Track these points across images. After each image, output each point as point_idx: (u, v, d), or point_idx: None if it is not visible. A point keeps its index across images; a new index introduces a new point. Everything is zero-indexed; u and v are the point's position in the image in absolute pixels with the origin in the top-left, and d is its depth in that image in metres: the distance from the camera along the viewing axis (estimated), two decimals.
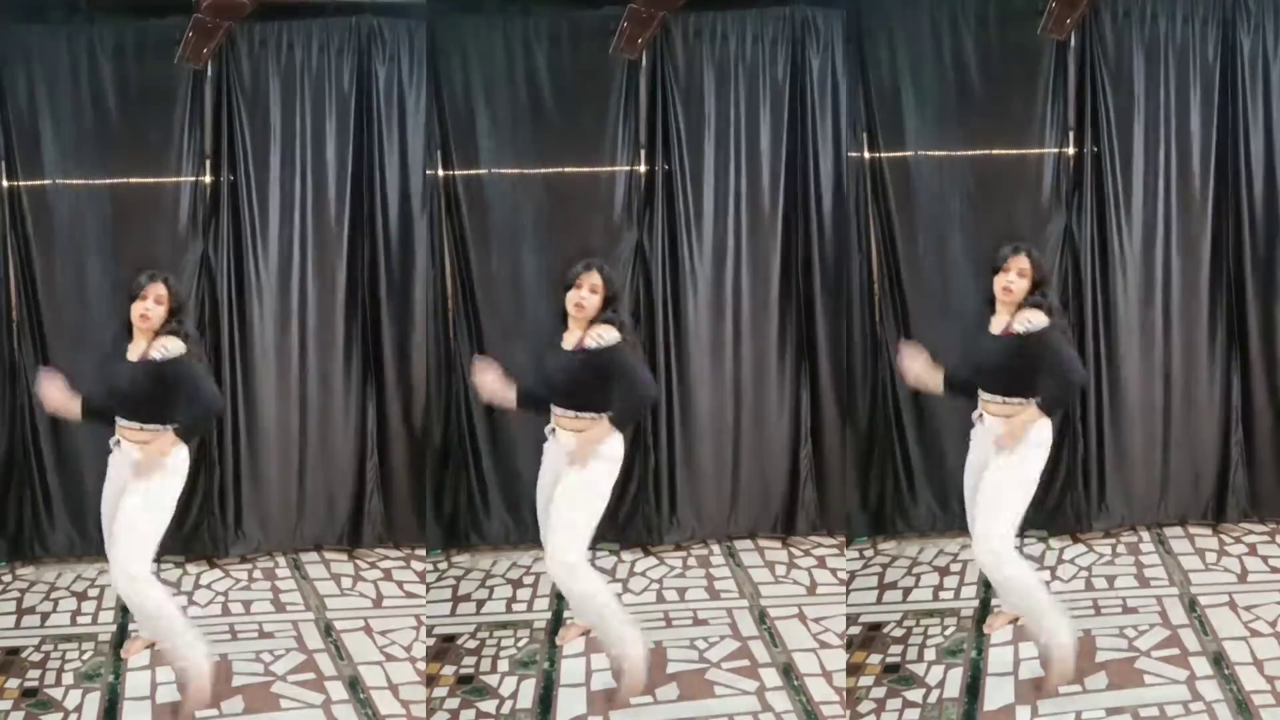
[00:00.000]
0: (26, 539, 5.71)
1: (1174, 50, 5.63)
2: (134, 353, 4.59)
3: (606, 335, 4.60)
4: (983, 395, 4.67)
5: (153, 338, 4.56)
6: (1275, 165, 5.67)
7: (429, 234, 5.66)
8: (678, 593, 5.42)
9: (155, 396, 4.56)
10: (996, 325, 4.63)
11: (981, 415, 4.68)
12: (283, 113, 5.65)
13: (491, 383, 4.75)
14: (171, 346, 4.55)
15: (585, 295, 4.61)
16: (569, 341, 4.65)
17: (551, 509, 4.67)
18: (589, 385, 4.62)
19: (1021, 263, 4.58)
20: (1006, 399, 4.60)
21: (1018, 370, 4.58)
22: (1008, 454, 4.57)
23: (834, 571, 5.59)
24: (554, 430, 4.71)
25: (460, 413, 5.77)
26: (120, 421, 4.62)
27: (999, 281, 4.60)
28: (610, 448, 4.66)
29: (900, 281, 5.73)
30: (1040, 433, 4.60)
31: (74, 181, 5.56)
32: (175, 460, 4.60)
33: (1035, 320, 4.54)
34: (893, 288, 5.74)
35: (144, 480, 4.56)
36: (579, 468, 4.61)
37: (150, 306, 4.56)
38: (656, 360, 5.75)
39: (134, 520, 4.57)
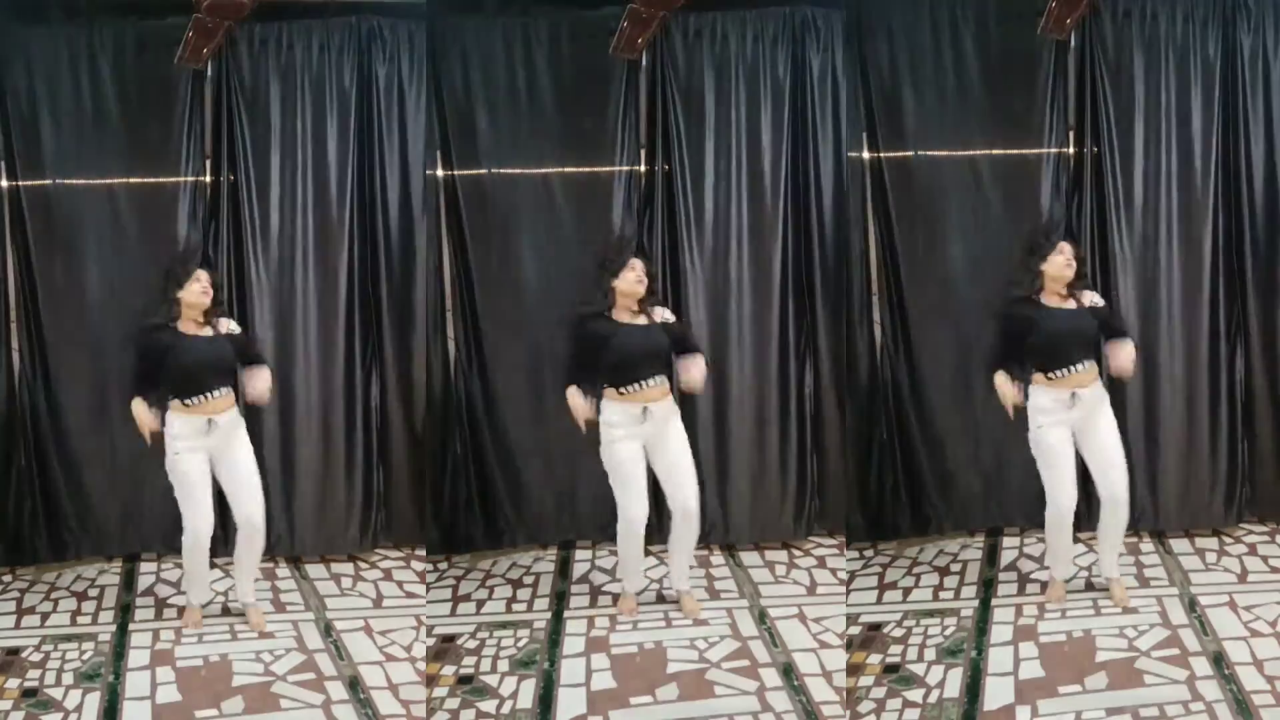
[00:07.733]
0: (26, 539, 5.70)
1: (1174, 50, 5.62)
2: (200, 331, 5.03)
3: (667, 314, 5.16)
4: (1057, 371, 5.00)
5: (205, 318, 5.04)
6: (1276, 165, 5.66)
7: (429, 234, 5.66)
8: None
9: (234, 366, 5.10)
10: (1058, 302, 5.05)
11: (1075, 395, 5.00)
12: (283, 113, 5.65)
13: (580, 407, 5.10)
14: (234, 325, 5.15)
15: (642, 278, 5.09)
16: (636, 319, 5.07)
17: (682, 461, 5.16)
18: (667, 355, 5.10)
19: (1072, 248, 5.08)
20: (1084, 365, 5.02)
21: (1095, 339, 5.06)
22: (1103, 412, 5.11)
23: (834, 571, 5.58)
24: (646, 409, 5.05)
25: (461, 413, 5.77)
26: (203, 397, 4.99)
27: (1058, 261, 5.02)
28: None
29: (900, 281, 5.73)
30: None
31: (74, 181, 5.56)
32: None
33: (1098, 299, 5.11)
34: (893, 288, 5.74)
35: (240, 437, 5.13)
36: (676, 420, 5.18)
37: (207, 288, 5.03)
38: None
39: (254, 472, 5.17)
